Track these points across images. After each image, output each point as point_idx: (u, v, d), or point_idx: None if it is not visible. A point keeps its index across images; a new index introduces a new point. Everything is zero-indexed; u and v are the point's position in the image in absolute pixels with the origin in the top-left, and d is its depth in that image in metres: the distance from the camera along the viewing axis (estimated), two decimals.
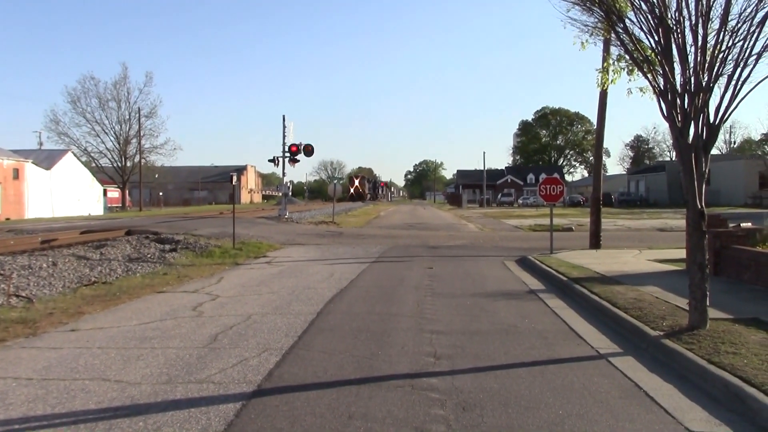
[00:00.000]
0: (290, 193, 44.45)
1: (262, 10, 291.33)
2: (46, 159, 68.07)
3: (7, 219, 53.80)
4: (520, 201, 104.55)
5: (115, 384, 6.78)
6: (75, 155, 74.95)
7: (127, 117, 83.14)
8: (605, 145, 24.65)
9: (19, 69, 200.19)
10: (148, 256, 19.61)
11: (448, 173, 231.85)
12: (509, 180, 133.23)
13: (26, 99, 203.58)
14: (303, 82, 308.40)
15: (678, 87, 8.60)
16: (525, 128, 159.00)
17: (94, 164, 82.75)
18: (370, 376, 7.09)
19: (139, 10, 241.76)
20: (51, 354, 8.16)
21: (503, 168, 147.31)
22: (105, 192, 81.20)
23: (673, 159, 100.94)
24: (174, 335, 9.20)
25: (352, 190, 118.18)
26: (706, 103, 8.47)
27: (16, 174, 60.05)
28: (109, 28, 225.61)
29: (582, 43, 10.29)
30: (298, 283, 14.48)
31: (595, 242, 22.40)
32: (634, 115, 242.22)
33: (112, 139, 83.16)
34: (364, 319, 10.36)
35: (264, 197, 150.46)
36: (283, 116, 41.16)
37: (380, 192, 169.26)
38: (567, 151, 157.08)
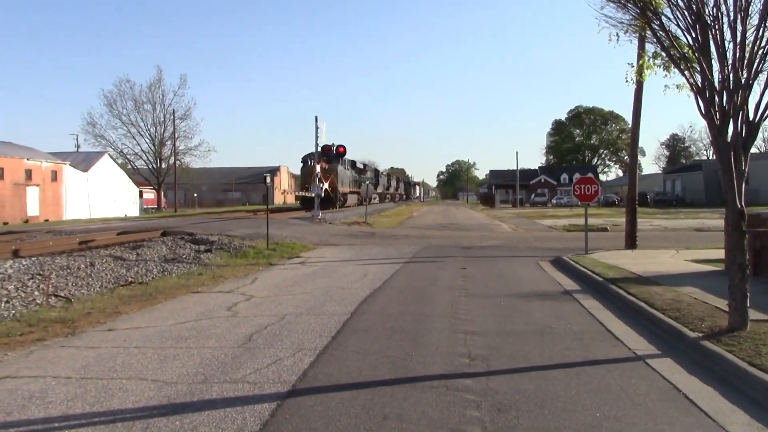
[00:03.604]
0: (323, 194, 44.49)
1: (296, 12, 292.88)
2: (84, 161, 69.24)
3: (46, 220, 54.86)
4: (553, 201, 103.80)
5: (152, 383, 6.86)
6: (111, 157, 76.13)
7: (162, 119, 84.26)
8: (640, 144, 24.36)
9: (57, 73, 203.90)
10: (184, 256, 19.82)
11: (480, 173, 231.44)
12: (542, 180, 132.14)
13: (64, 102, 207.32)
14: (336, 82, 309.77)
15: (716, 84, 8.45)
16: (558, 127, 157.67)
17: (129, 166, 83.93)
18: (405, 377, 7.07)
19: (174, 14, 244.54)
20: (89, 353, 8.28)
21: (536, 168, 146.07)
22: (141, 193, 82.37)
23: (710, 157, 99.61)
24: (209, 335, 9.28)
25: (304, 188, 57.45)
26: (745, 101, 8.32)
27: (55, 176, 61.18)
28: (145, 32, 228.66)
29: (616, 39, 10.14)
30: (331, 284, 14.52)
31: (631, 242, 22.12)
32: (670, 114, 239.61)
33: (147, 141, 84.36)
34: (398, 320, 10.34)
35: (297, 198, 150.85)
36: (316, 117, 41.08)
37: (410, 191, 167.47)
38: (601, 150, 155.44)
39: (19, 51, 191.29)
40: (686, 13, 8.50)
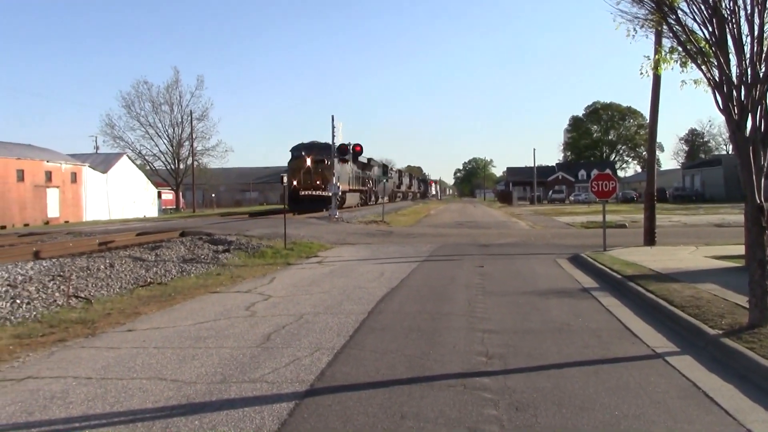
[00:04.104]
0: (340, 193, 44.37)
1: (310, 11, 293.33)
2: (103, 162, 69.85)
3: (66, 222, 55.38)
4: (571, 198, 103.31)
5: (171, 383, 6.91)
6: (130, 158, 76.71)
7: (180, 120, 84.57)
8: (659, 139, 24.19)
9: (75, 76, 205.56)
10: (202, 256, 19.93)
11: (497, 170, 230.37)
12: (560, 177, 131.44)
13: (83, 104, 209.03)
14: (352, 81, 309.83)
15: (734, 78, 8.39)
16: (576, 124, 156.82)
17: (148, 167, 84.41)
18: (422, 376, 7.08)
19: (191, 16, 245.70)
20: (109, 354, 8.35)
21: (554, 164, 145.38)
22: (159, 194, 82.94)
23: (730, 152, 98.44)
24: (228, 335, 9.33)
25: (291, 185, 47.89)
26: (764, 95, 8.24)
27: (74, 178, 61.74)
28: (162, 34, 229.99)
29: (633, 35, 10.08)
30: (348, 283, 14.54)
31: (650, 239, 21.94)
32: (688, 109, 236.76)
33: (165, 142, 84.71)
34: (415, 319, 10.35)
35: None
36: (332, 116, 41.14)
37: (427, 189, 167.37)
38: (619, 146, 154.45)
39: (38, 54, 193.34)
40: (702, 6, 8.44)
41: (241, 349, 8.42)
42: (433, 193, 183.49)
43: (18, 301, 11.82)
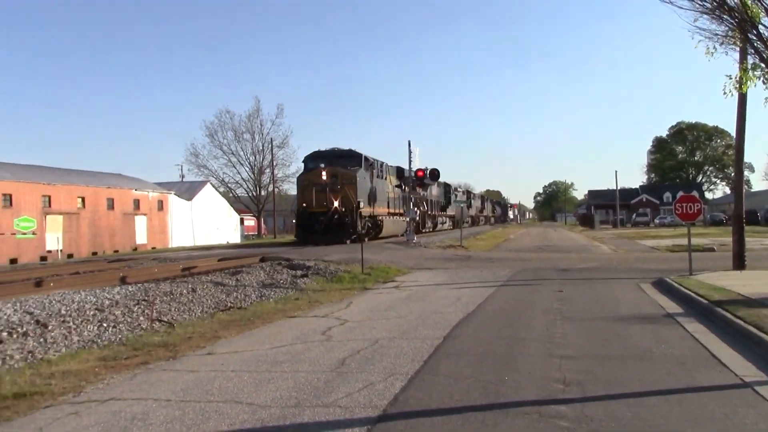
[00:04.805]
0: (417, 218, 44.29)
1: (386, 41, 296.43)
2: (188, 190, 72.23)
3: (153, 248, 57.35)
4: (656, 221, 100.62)
5: (247, 407, 7.00)
6: (213, 186, 78.94)
7: (261, 148, 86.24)
8: (748, 159, 23.31)
9: (162, 106, 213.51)
10: (281, 281, 20.21)
11: (579, 194, 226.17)
12: (644, 199, 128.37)
13: (169, 134, 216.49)
14: (429, 107, 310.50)
15: None
16: (659, 145, 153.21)
17: (231, 194, 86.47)
18: (496, 402, 6.96)
19: (270, 46, 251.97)
20: (189, 377, 8.54)
21: (637, 187, 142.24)
22: (242, 220, 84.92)
23: None
24: (303, 359, 9.41)
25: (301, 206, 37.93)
26: None
27: (161, 205, 64.02)
28: (243, 63, 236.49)
29: (712, 53, 9.80)
30: (425, 308, 14.49)
31: (739, 263, 21.09)
32: None
33: (246, 169, 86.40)
34: (491, 344, 10.21)
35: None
36: (409, 141, 41.28)
37: (506, 213, 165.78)
38: (706, 167, 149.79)
39: (130, 88, 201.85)
40: None
41: (316, 374, 8.47)
42: (512, 217, 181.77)
43: (105, 325, 12.25)
